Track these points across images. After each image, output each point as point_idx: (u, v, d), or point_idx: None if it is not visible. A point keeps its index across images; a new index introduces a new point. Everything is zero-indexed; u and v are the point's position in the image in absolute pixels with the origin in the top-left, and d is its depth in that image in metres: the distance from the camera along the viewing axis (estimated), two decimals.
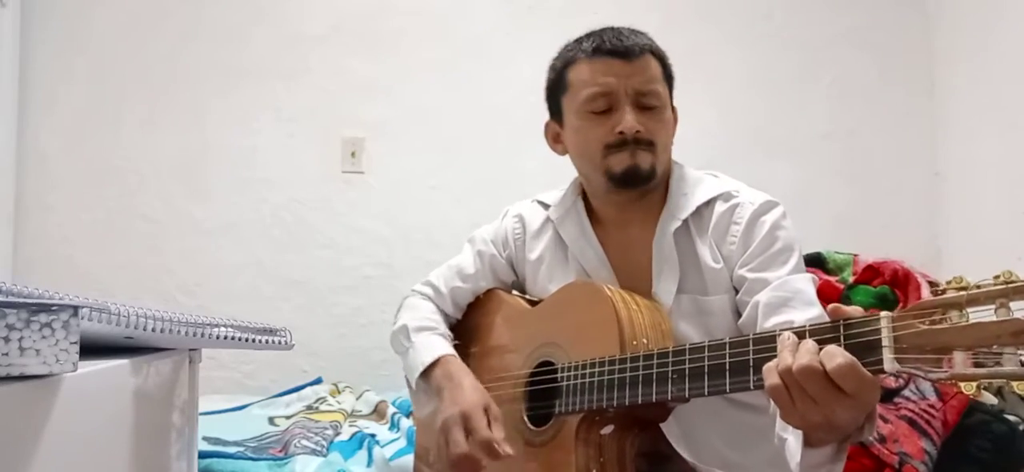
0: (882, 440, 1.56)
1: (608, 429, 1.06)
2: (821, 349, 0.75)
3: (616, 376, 1.00)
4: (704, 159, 1.33)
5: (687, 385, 0.92)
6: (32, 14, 2.45)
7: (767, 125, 2.67)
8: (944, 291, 0.68)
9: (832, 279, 2.02)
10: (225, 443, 1.64)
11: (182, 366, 0.94)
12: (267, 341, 0.92)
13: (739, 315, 1.12)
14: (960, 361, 0.66)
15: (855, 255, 2.12)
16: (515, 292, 1.35)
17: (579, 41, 1.21)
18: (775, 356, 0.79)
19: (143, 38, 2.53)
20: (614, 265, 1.22)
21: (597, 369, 1.04)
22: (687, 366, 0.92)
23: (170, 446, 0.92)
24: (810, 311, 1.03)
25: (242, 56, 2.55)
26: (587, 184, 1.26)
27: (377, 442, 1.67)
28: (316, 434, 1.68)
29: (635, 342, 1.04)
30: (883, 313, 0.73)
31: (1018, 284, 0.65)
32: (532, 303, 1.29)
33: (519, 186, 1.72)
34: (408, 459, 1.50)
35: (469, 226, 1.44)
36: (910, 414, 1.62)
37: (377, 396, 2.14)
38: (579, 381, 1.06)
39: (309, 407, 2.08)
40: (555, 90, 1.25)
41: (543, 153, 1.33)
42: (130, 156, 2.50)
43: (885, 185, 2.67)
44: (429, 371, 1.22)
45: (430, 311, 1.34)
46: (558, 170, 1.34)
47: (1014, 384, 1.60)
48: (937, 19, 2.65)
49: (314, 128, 2.55)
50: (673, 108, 1.22)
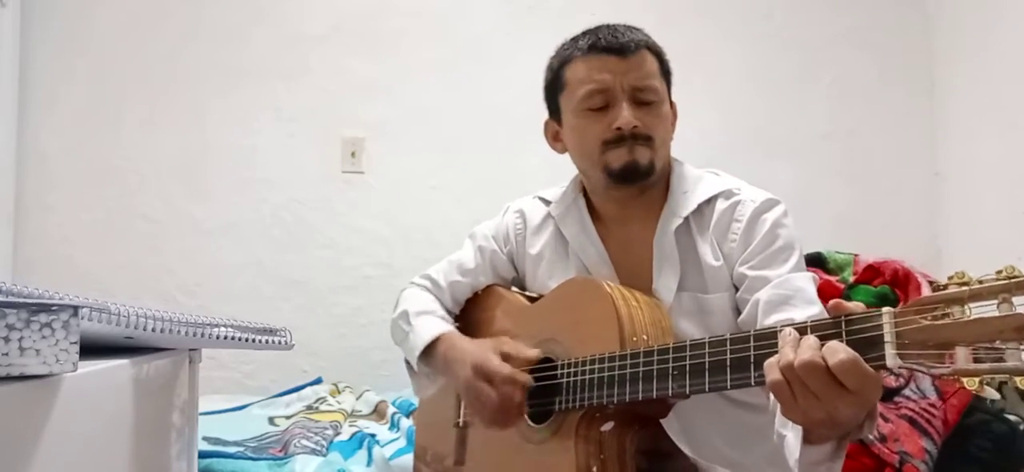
0: (883, 439, 1.56)
1: (608, 426, 1.06)
2: (823, 345, 0.75)
3: (616, 372, 1.00)
4: (704, 159, 1.32)
5: (688, 381, 0.91)
6: (32, 14, 2.45)
7: (767, 125, 2.67)
8: (946, 287, 0.68)
9: (832, 279, 2.02)
10: (225, 443, 1.64)
11: (182, 366, 0.94)
12: (267, 341, 0.92)
13: (739, 313, 1.12)
14: (962, 356, 0.65)
15: (855, 255, 2.12)
16: (515, 288, 1.35)
17: (575, 39, 1.21)
18: (776, 352, 0.79)
19: (143, 38, 2.53)
20: (615, 262, 1.22)
21: (597, 365, 1.03)
22: (688, 362, 0.92)
23: (170, 446, 0.92)
24: (810, 309, 1.02)
25: (242, 56, 2.55)
26: (587, 181, 1.26)
27: (377, 442, 1.67)
28: (316, 434, 1.68)
29: (635, 339, 1.04)
30: (885, 308, 0.73)
31: (1020, 279, 0.65)
32: (532, 299, 1.29)
33: (519, 185, 1.72)
34: (408, 459, 1.49)
35: (469, 226, 1.44)
36: (911, 413, 1.62)
37: (377, 396, 2.14)
38: (579, 377, 1.06)
39: (309, 407, 2.08)
40: (553, 89, 1.25)
41: (543, 152, 1.33)
42: (130, 156, 2.50)
43: (885, 185, 2.67)
44: (430, 350, 1.23)
45: (429, 299, 1.35)
46: (558, 169, 1.34)
47: (1016, 379, 1.60)
48: (937, 19, 2.65)
49: (314, 128, 2.55)
50: (672, 103, 1.21)
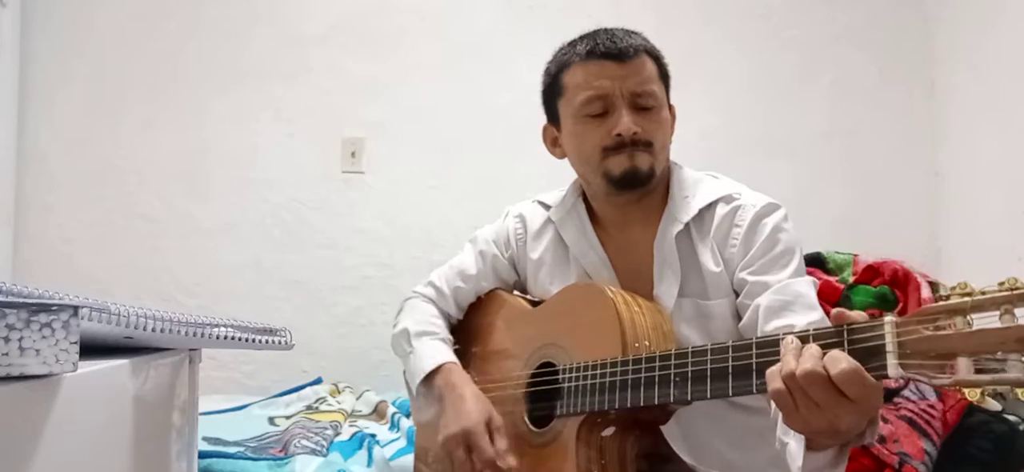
0: (882, 440, 1.56)
1: (609, 431, 1.06)
2: (825, 354, 0.75)
3: (618, 378, 1.00)
4: (704, 160, 1.33)
5: (689, 388, 0.91)
6: (32, 14, 2.45)
7: (766, 126, 2.66)
8: (948, 297, 0.68)
9: (832, 279, 2.02)
10: (225, 443, 1.64)
11: (182, 366, 0.94)
12: (267, 341, 0.92)
13: (740, 318, 1.11)
14: (964, 367, 0.65)
15: (855, 255, 2.12)
16: (516, 293, 1.35)
17: (573, 44, 1.20)
18: (778, 360, 0.78)
19: (143, 38, 2.53)
20: (615, 267, 1.22)
21: (599, 371, 1.03)
22: (689, 369, 0.91)
23: (170, 446, 0.92)
24: (811, 315, 1.02)
25: (242, 56, 2.55)
26: (587, 187, 1.25)
27: (377, 442, 1.68)
28: (316, 434, 1.68)
29: (637, 344, 1.04)
30: (887, 318, 0.73)
31: (1022, 291, 0.65)
32: (533, 304, 1.29)
33: (519, 186, 1.73)
34: (408, 459, 1.50)
35: (469, 226, 1.44)
36: (910, 414, 1.62)
37: (377, 396, 2.14)
38: (580, 383, 1.06)
39: (309, 407, 2.08)
40: (551, 95, 1.24)
41: (543, 153, 1.33)
42: (130, 156, 2.50)
43: (885, 185, 2.66)
44: (430, 378, 1.22)
45: (432, 314, 1.34)
46: (558, 170, 1.34)
47: (1018, 391, 1.60)
48: (937, 19, 2.65)
49: (314, 128, 2.55)
50: (671, 107, 1.21)
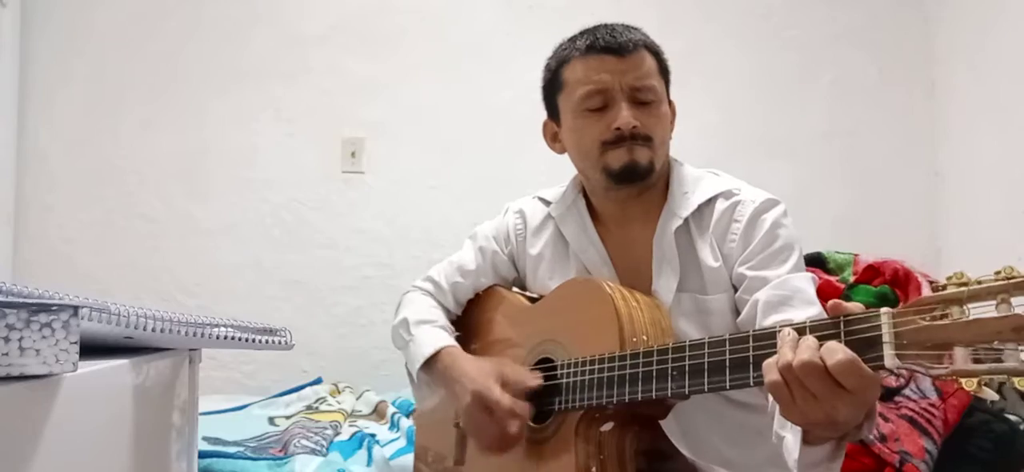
0: (883, 439, 1.56)
1: (608, 426, 1.06)
2: (822, 345, 0.75)
3: (616, 373, 1.00)
4: (704, 159, 1.32)
5: (687, 382, 0.91)
6: (32, 14, 2.46)
7: (766, 125, 2.66)
8: (945, 287, 0.68)
9: (832, 279, 2.02)
10: (225, 443, 1.64)
11: (182, 366, 0.94)
12: (267, 341, 0.92)
13: (738, 313, 1.11)
14: (961, 357, 0.65)
15: (855, 255, 2.12)
16: (515, 289, 1.35)
17: (573, 39, 1.21)
18: (775, 353, 0.79)
19: (143, 38, 2.53)
20: (614, 262, 1.22)
21: (597, 366, 1.03)
22: (687, 363, 0.92)
23: (170, 446, 0.92)
24: (809, 310, 1.02)
25: (242, 56, 2.55)
26: (586, 182, 1.26)
27: (377, 442, 1.68)
28: (316, 434, 1.68)
29: (635, 339, 1.04)
30: (884, 309, 0.73)
31: (1019, 280, 0.65)
32: (532, 299, 1.29)
33: (519, 186, 1.72)
34: (408, 459, 1.50)
35: (469, 226, 1.44)
36: (911, 413, 1.62)
37: (377, 396, 2.14)
38: (579, 378, 1.06)
39: (309, 407, 2.08)
40: (551, 90, 1.24)
41: (543, 153, 1.33)
42: (130, 156, 2.50)
43: (885, 185, 2.66)
44: (430, 363, 1.23)
45: (430, 305, 1.34)
46: (558, 169, 1.34)
47: (1015, 380, 1.60)
48: (937, 19, 2.65)
49: (314, 128, 2.55)
50: (670, 102, 1.21)
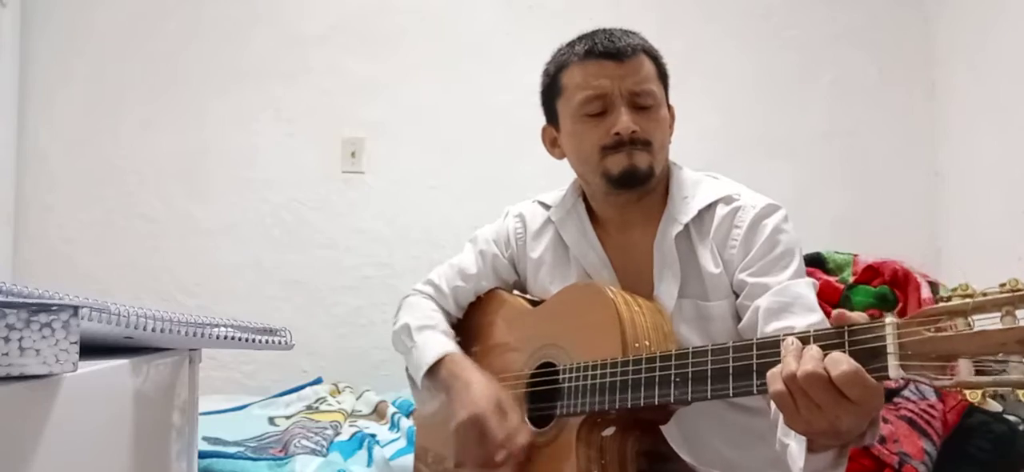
0: (882, 440, 1.56)
1: (609, 431, 1.06)
2: (825, 355, 0.74)
3: (618, 378, 1.00)
4: (704, 160, 1.33)
5: (689, 389, 0.91)
6: (32, 14, 2.45)
7: (766, 125, 2.66)
8: (950, 298, 0.68)
9: (832, 279, 2.01)
10: (225, 443, 1.64)
11: (182, 366, 0.94)
12: (267, 341, 0.92)
13: (739, 319, 1.11)
14: (965, 369, 0.65)
15: (855, 255, 2.12)
16: (516, 292, 1.35)
17: (571, 44, 1.20)
18: (778, 361, 0.78)
19: (143, 38, 2.53)
20: (615, 267, 1.22)
21: (599, 371, 1.03)
22: (690, 370, 0.91)
23: (170, 446, 0.92)
24: (811, 317, 1.02)
25: (242, 56, 2.55)
26: (586, 186, 1.25)
27: (377, 442, 1.68)
28: (316, 434, 1.68)
29: (637, 344, 1.04)
30: (888, 319, 0.73)
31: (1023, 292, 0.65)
32: (534, 303, 1.28)
33: (519, 186, 1.73)
34: (408, 459, 1.49)
35: (469, 226, 1.44)
36: (910, 414, 1.62)
37: (377, 396, 2.14)
38: (581, 383, 1.05)
39: (309, 407, 2.08)
40: (549, 95, 1.24)
41: (542, 153, 1.33)
42: (130, 156, 2.50)
43: (884, 185, 2.66)
44: (434, 370, 1.22)
45: (431, 309, 1.34)
46: (558, 170, 1.33)
47: (1019, 392, 1.60)
48: (937, 19, 2.65)
49: (314, 128, 2.55)
50: (669, 106, 1.21)
